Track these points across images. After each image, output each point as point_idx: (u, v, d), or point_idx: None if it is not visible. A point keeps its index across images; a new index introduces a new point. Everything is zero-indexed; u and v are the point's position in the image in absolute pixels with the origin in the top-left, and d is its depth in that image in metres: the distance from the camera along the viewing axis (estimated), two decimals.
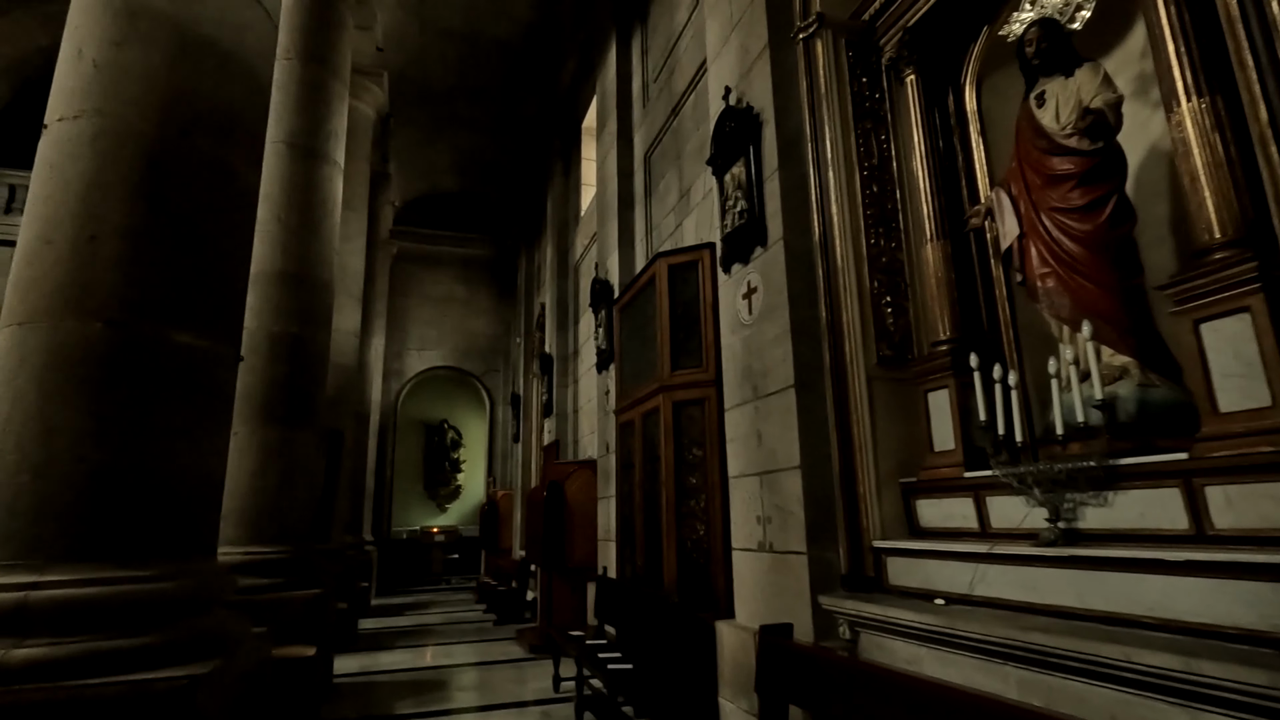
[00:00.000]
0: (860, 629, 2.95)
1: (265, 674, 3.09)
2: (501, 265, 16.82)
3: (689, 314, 4.75)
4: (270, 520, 5.17)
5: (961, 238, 3.22)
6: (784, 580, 3.39)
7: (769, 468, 3.59)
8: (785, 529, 3.41)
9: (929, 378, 3.06)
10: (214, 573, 2.70)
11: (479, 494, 16.76)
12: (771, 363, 3.64)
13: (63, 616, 2.20)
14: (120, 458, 2.42)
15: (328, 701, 5.23)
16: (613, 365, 6.48)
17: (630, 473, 5.35)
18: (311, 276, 5.81)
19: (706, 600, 4.22)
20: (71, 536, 2.30)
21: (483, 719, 4.72)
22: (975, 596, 2.50)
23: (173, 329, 2.63)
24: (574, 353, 9.57)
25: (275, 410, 5.35)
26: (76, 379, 2.41)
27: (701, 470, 4.43)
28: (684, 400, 4.62)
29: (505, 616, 9.42)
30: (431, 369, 16.14)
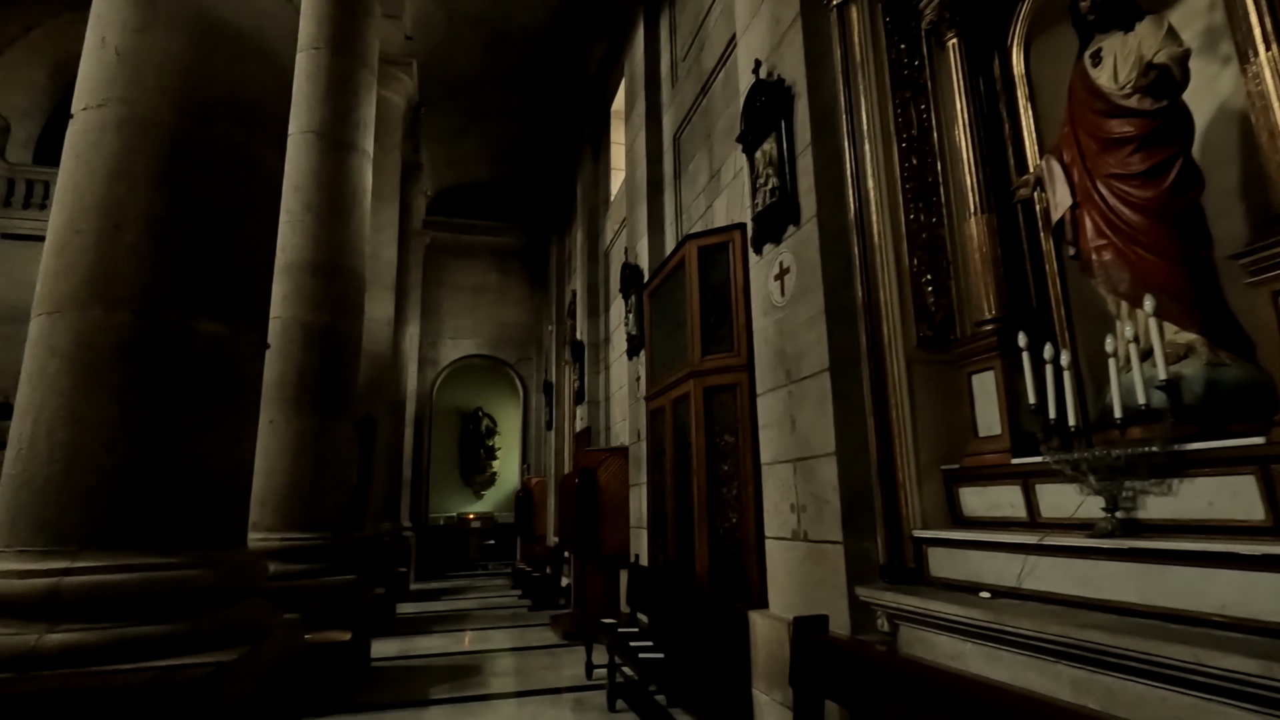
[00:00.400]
0: (900, 622, 2.83)
1: (297, 660, 3.10)
2: (533, 254, 16.84)
3: (719, 297, 4.63)
4: (305, 507, 5.24)
5: (1008, 211, 3.03)
6: (819, 571, 3.27)
7: (803, 454, 3.47)
8: (820, 518, 3.29)
9: (973, 359, 2.89)
10: (243, 561, 2.70)
11: (514, 481, 16.91)
12: (805, 346, 3.51)
13: (94, 603, 2.21)
14: (148, 447, 2.43)
15: (365, 685, 5.30)
16: (643, 351, 6.40)
17: (661, 460, 5.27)
18: (343, 266, 5.84)
19: (739, 590, 4.13)
20: (102, 524, 2.32)
21: (517, 705, 4.72)
22: (1024, 590, 2.36)
23: (198, 318, 2.63)
24: (605, 339, 9.50)
25: (309, 399, 5.41)
26: (104, 368, 2.42)
27: (733, 457, 4.32)
28: (715, 386, 4.50)
29: (540, 602, 9.48)
30: (466, 358, 16.29)
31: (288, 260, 5.62)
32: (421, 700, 4.87)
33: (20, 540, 2.27)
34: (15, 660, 2.07)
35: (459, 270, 16.45)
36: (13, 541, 2.28)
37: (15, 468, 2.36)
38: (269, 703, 2.66)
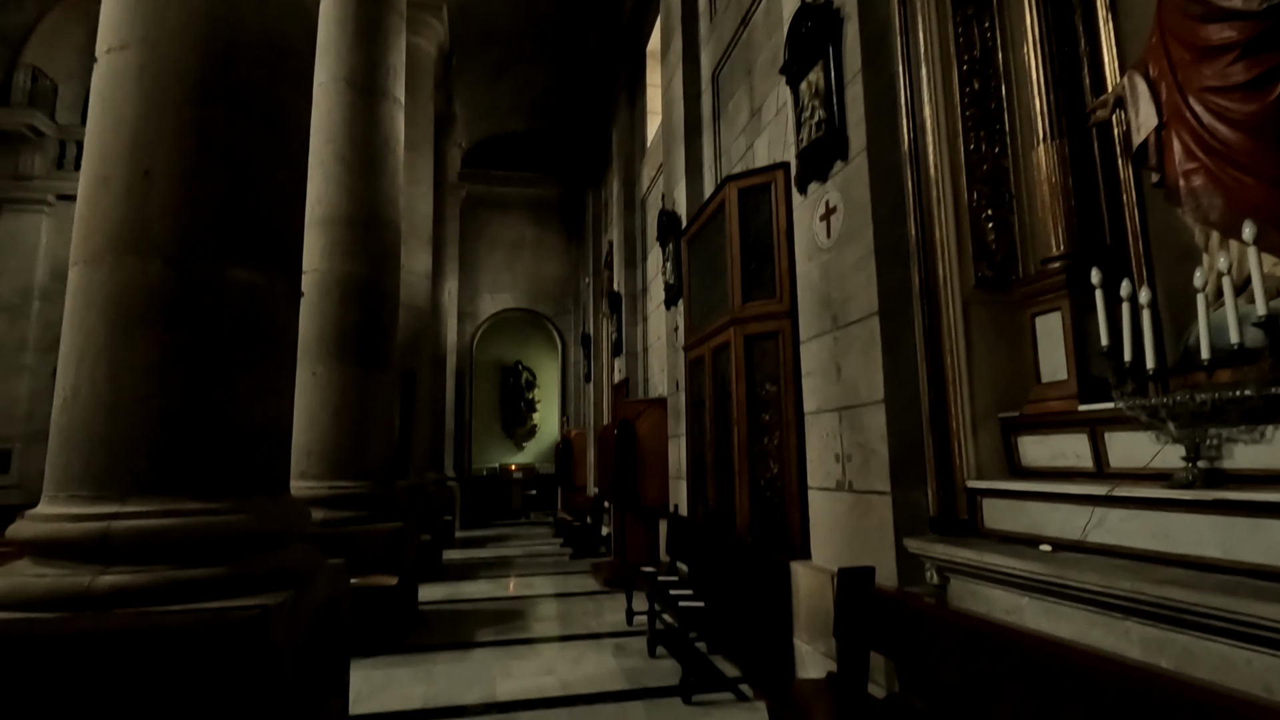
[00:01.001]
0: (950, 574, 2.72)
1: (344, 604, 3.16)
2: (569, 206, 16.64)
3: (761, 241, 4.44)
4: (350, 457, 5.34)
5: (1081, 136, 2.76)
6: (865, 522, 3.17)
7: (849, 403, 3.33)
8: (867, 468, 3.17)
9: (1038, 300, 2.69)
10: (286, 507, 2.73)
11: (554, 433, 17.12)
12: (853, 289, 3.33)
13: (142, 546, 2.25)
14: (188, 395, 2.43)
15: (413, 628, 5.47)
16: (681, 300, 6.25)
17: (701, 410, 5.18)
18: (378, 217, 5.80)
19: (780, 540, 4.07)
20: (147, 471, 2.34)
21: (560, 649, 4.81)
22: (1089, 543, 2.22)
23: (231, 265, 2.59)
24: (642, 290, 9.37)
25: (350, 351, 5.45)
26: (141, 317, 2.41)
27: (775, 406, 4.20)
28: (756, 334, 4.36)
29: (581, 551, 9.65)
30: (504, 311, 16.35)
31: (323, 213, 5.60)
32: (468, 643, 5.01)
33: (71, 486, 2.32)
34: (71, 600, 2.13)
35: (496, 224, 16.38)
36: (64, 487, 2.33)
37: (62, 416, 2.39)
38: (317, 644, 2.72)
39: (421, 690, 3.95)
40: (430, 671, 4.30)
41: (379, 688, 4.00)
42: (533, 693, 3.87)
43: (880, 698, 2.77)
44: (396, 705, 3.70)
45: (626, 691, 3.85)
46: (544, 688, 3.96)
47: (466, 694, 3.87)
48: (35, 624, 2.06)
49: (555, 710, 3.59)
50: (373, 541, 5.09)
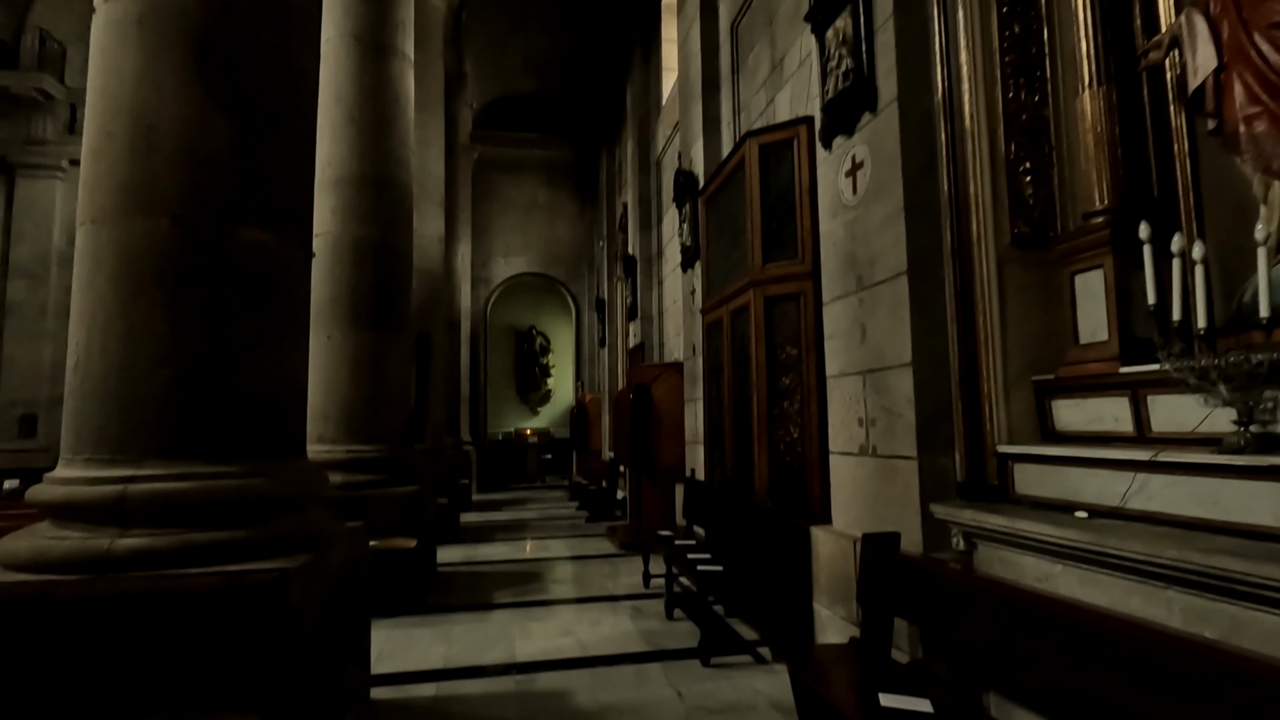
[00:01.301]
0: (979, 541, 2.66)
1: (363, 566, 3.17)
2: (583, 168, 16.37)
3: (782, 200, 4.30)
4: (367, 420, 5.34)
5: (1129, 82, 2.59)
6: (890, 487, 3.10)
7: (874, 366, 3.24)
8: (892, 432, 3.09)
9: (1078, 256, 2.56)
10: (303, 471, 2.70)
11: (568, 398, 17.17)
12: (880, 248, 3.21)
13: (160, 510, 2.23)
14: (200, 357, 2.38)
15: (433, 589, 5.53)
16: (698, 262, 6.13)
17: (719, 374, 5.11)
18: (390, 178, 5.69)
19: (800, 505, 4.02)
20: (161, 435, 2.31)
21: (577, 611, 4.84)
22: (1129, 510, 2.13)
23: (239, 225, 2.52)
24: (658, 253, 9.22)
25: (364, 314, 5.41)
26: (150, 278, 2.36)
27: (796, 370, 4.12)
28: (777, 295, 4.25)
29: (597, 514, 9.72)
30: (518, 275, 16.26)
31: (334, 174, 5.51)
32: (486, 604, 5.06)
33: (86, 449, 2.29)
34: (91, 563, 2.12)
35: (508, 186, 16.18)
36: (80, 450, 2.31)
37: (75, 378, 2.36)
38: (337, 607, 2.72)
39: (441, 650, 3.99)
40: (450, 632, 4.34)
41: (400, 648, 4.04)
42: (552, 654, 3.90)
43: (903, 663, 2.74)
44: (417, 665, 3.74)
45: (645, 653, 3.86)
46: (563, 649, 3.99)
47: (486, 654, 3.91)
48: (58, 586, 2.05)
49: (575, 671, 3.61)
50: (391, 505, 5.12)
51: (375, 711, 3.16)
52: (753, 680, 3.43)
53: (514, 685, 3.44)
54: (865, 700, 2.18)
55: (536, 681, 3.49)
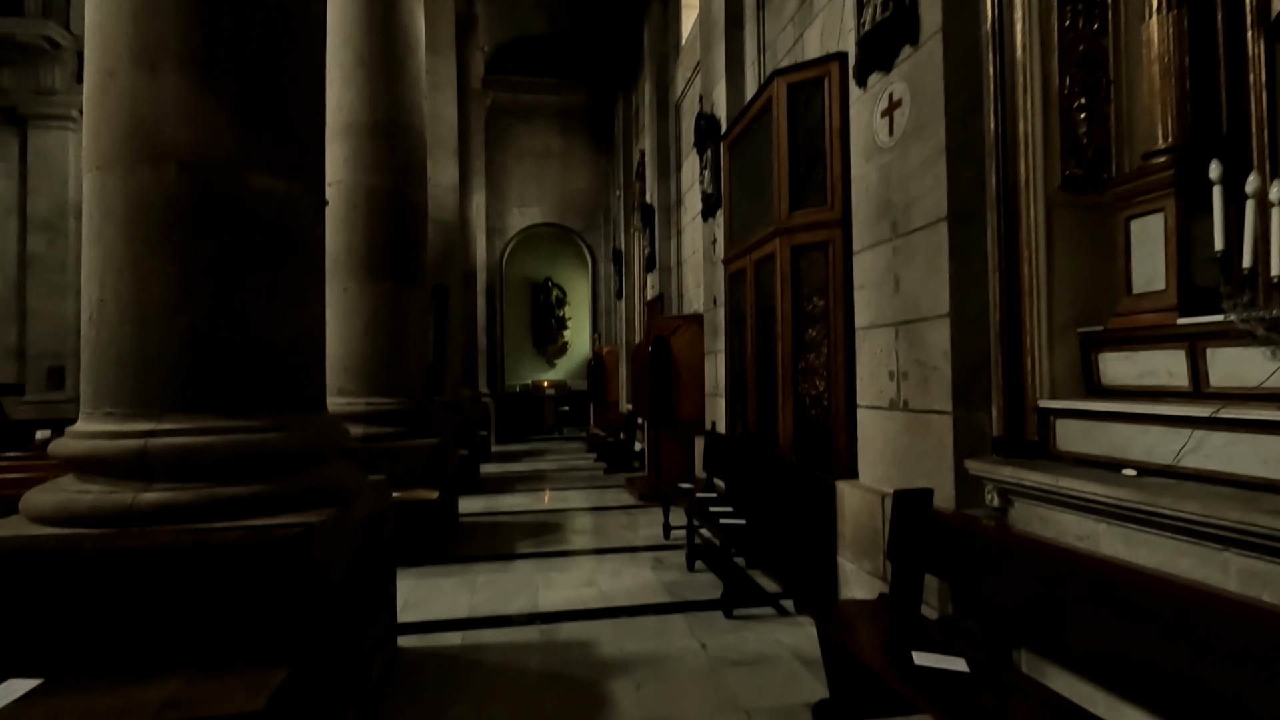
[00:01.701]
0: (1015, 498, 2.58)
1: (386, 519, 3.16)
2: (598, 114, 15.92)
3: (811, 143, 4.09)
4: (386, 373, 5.32)
5: (1201, 6, 2.37)
6: (921, 442, 3.02)
7: (908, 317, 3.11)
8: (926, 386, 2.98)
9: (1136, 200, 2.40)
10: (323, 425, 2.66)
11: (585, 350, 17.14)
12: (918, 193, 3.04)
13: (181, 464, 2.21)
14: (215, 309, 2.32)
15: (455, 539, 5.60)
16: (720, 211, 5.94)
17: (741, 326, 4.99)
18: (402, 124, 5.52)
19: (825, 460, 3.96)
20: (179, 388, 2.27)
21: (598, 562, 4.87)
22: (1182, 468, 2.03)
23: (249, 171, 2.42)
24: (677, 202, 8.99)
25: (380, 266, 5.33)
26: (160, 227, 2.28)
27: (823, 322, 4.00)
28: (804, 244, 4.10)
29: (615, 466, 9.77)
30: (533, 226, 16.04)
31: (345, 121, 5.35)
32: (508, 554, 5.11)
33: (105, 403, 2.26)
34: (115, 516, 2.11)
35: (522, 134, 15.82)
36: (99, 403, 2.27)
37: (90, 331, 2.31)
38: (362, 559, 2.72)
39: (466, 600, 4.04)
40: (473, 582, 4.39)
41: (425, 597, 4.10)
42: (575, 604, 3.93)
43: (933, 619, 2.70)
44: (443, 614, 3.78)
45: (667, 604, 3.88)
46: (586, 599, 4.01)
47: (510, 604, 3.95)
48: (85, 540, 2.05)
49: (597, 621, 3.64)
50: (413, 457, 5.14)
51: (403, 659, 3.20)
52: (775, 632, 3.44)
53: (538, 635, 3.47)
54: (897, 657, 2.14)
55: (560, 631, 3.52)
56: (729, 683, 2.90)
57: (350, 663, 2.49)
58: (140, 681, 1.89)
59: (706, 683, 2.90)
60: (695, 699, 2.76)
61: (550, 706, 2.73)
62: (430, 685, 2.93)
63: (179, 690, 1.85)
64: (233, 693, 1.84)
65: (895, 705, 2.56)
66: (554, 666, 3.10)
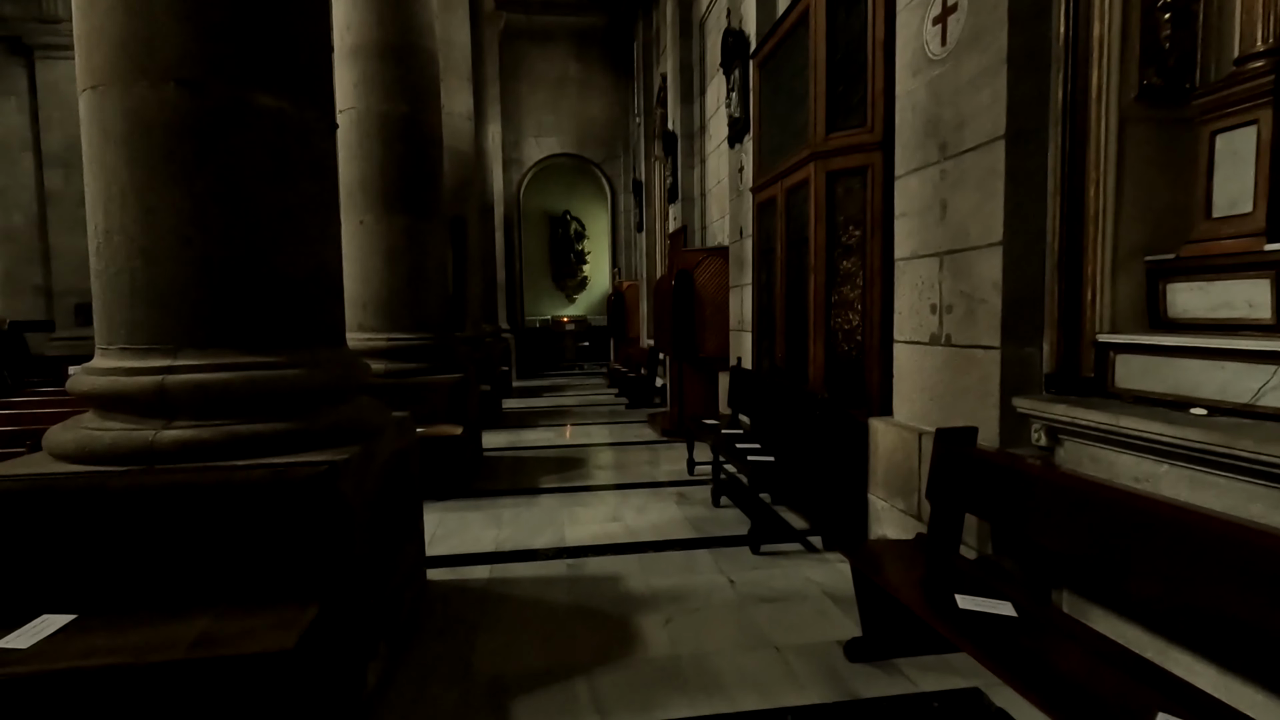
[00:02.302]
0: (1064, 437, 2.45)
1: (411, 455, 3.13)
2: (617, 36, 15.18)
3: (851, 58, 3.79)
4: (407, 308, 5.23)
5: None
6: (963, 378, 2.88)
7: (955, 246, 2.92)
8: (972, 319, 2.82)
9: (1224, 111, 2.16)
10: (344, 361, 2.59)
11: (605, 285, 16.95)
12: (972, 109, 2.80)
13: (202, 401, 2.15)
14: (226, 238, 2.21)
15: (479, 474, 5.64)
16: (749, 136, 5.64)
17: (770, 257, 4.80)
18: (413, 45, 5.23)
19: (857, 396, 3.84)
20: (194, 323, 2.19)
21: (623, 497, 4.87)
22: (1261, 408, 1.89)
23: (253, 90, 2.26)
24: (700, 129, 8.61)
25: (396, 197, 5.16)
26: (163, 150, 2.14)
27: (859, 253, 3.80)
28: (841, 169, 3.85)
29: (636, 401, 9.76)
30: (550, 157, 15.59)
31: (353, 42, 5.08)
32: (533, 489, 5.13)
33: (119, 338, 2.19)
34: (137, 454, 2.07)
35: (538, 59, 15.18)
36: (113, 339, 2.20)
37: (99, 263, 2.22)
38: (388, 495, 2.69)
39: (493, 534, 4.06)
40: (499, 516, 4.41)
41: (453, 530, 4.13)
42: (601, 539, 3.93)
43: (971, 559, 2.63)
44: (471, 548, 3.81)
45: (693, 540, 3.87)
46: (612, 534, 4.02)
47: (536, 538, 3.96)
48: (109, 477, 2.01)
49: (624, 556, 3.64)
50: (436, 392, 5.11)
51: (432, 592, 3.23)
52: (803, 569, 3.41)
53: (565, 569, 3.48)
54: (939, 600, 2.08)
55: (587, 565, 3.53)
56: (758, 619, 2.88)
57: (380, 597, 2.49)
58: (172, 618, 1.88)
59: (735, 618, 2.89)
60: (724, 634, 2.75)
61: (580, 640, 2.73)
62: (460, 617, 2.95)
63: (209, 626, 1.84)
64: (264, 630, 1.83)
65: (930, 644, 2.52)
66: (582, 600, 3.10)
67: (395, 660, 2.59)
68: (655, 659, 2.56)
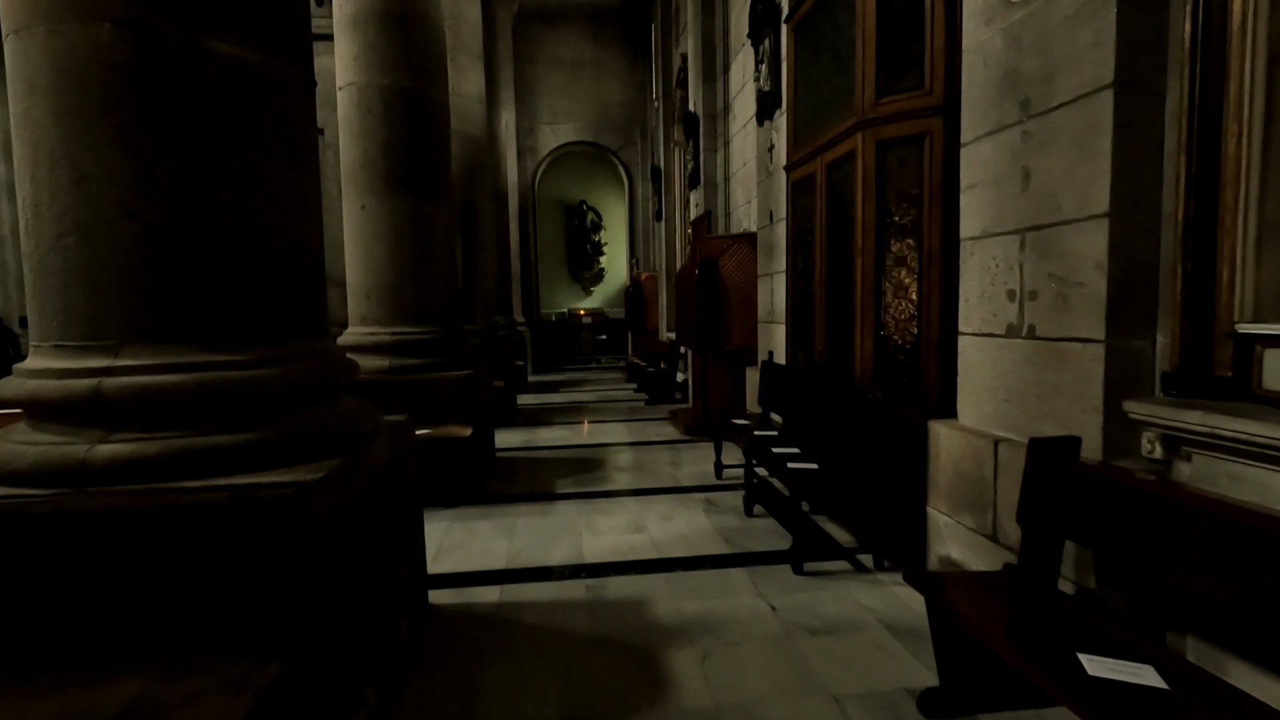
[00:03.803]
0: (1193, 450, 2.01)
1: (408, 462, 2.76)
2: (633, 15, 14.69)
3: (905, 12, 3.34)
4: (413, 299, 4.87)
5: None
6: (1053, 377, 2.44)
7: (1042, 221, 2.48)
8: (1065, 306, 2.38)
9: None
10: (326, 356, 2.21)
11: (622, 276, 16.56)
12: (1065, 55, 2.35)
13: (147, 408, 1.78)
14: (178, 209, 1.84)
15: (492, 475, 5.28)
16: (780, 111, 5.19)
17: (808, 241, 4.36)
18: (416, 13, 4.84)
19: (911, 395, 3.41)
20: (140, 313, 1.82)
21: (645, 503, 4.48)
22: None
23: (207, 35, 1.88)
24: (724, 109, 8.14)
25: (400, 178, 4.79)
26: (99, 104, 1.77)
27: (914, 232, 3.36)
28: (893, 138, 3.41)
29: (656, 397, 9.36)
30: (566, 145, 15.17)
31: (353, 9, 4.70)
32: (549, 494, 4.75)
33: (53, 333, 1.83)
34: (67, 474, 1.70)
35: (552, 41, 14.75)
36: (46, 335, 1.84)
37: (29, 244, 1.86)
38: (377, 510, 2.31)
39: (504, 546, 3.69)
40: (512, 525, 4.04)
41: (461, 542, 3.76)
42: (623, 553, 3.54)
43: (1069, 594, 2.21)
44: (480, 563, 3.44)
45: (726, 556, 3.46)
46: (635, 548, 3.62)
47: (552, 553, 3.58)
48: (29, 502, 1.65)
49: (650, 576, 3.25)
50: (444, 389, 4.75)
51: (435, 617, 2.87)
52: (854, 592, 3.00)
53: (584, 591, 3.10)
54: (1050, 656, 1.66)
55: (608, 587, 3.14)
56: (807, 655, 2.48)
57: (367, 636, 2.11)
58: (99, 679, 1.51)
59: (781, 654, 2.49)
60: (770, 675, 2.35)
61: (602, 681, 2.35)
62: (465, 650, 2.58)
63: (143, 691, 1.47)
64: (208, 695, 1.46)
65: (1023, 695, 2.10)
66: (603, 629, 2.72)
67: (386, 705, 2.22)
68: (691, 710, 2.16)
